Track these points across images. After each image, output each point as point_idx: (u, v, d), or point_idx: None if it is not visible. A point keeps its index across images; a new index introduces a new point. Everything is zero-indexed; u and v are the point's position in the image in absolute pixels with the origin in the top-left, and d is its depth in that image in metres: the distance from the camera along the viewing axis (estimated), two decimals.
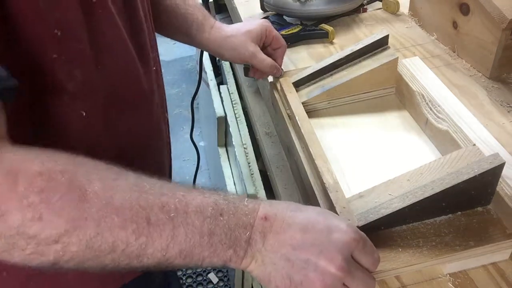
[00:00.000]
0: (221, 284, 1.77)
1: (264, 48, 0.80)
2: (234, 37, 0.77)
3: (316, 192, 0.62)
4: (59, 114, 0.50)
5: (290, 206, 0.47)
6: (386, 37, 0.77)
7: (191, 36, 0.78)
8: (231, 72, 1.41)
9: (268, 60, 0.77)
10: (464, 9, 0.84)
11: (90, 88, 0.51)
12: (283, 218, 0.45)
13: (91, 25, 0.49)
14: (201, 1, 1.61)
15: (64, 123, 0.51)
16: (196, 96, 1.14)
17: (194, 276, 1.80)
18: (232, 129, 1.16)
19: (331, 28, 0.97)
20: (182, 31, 0.78)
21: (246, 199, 0.46)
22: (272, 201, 0.48)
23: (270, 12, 1.08)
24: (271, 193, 0.94)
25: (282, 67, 0.82)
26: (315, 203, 0.62)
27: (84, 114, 0.51)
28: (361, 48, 0.77)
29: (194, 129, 1.21)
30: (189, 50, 2.77)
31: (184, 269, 1.82)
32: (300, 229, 0.45)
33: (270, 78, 0.83)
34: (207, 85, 1.40)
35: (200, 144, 2.00)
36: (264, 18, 1.06)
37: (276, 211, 0.46)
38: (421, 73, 0.82)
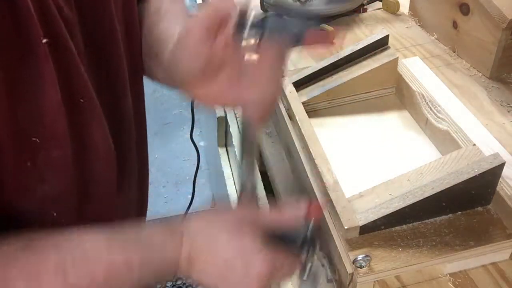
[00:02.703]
0: None
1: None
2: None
3: (316, 192, 0.62)
4: (23, 215, 0.45)
5: (209, 235, 0.48)
6: (386, 37, 0.77)
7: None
8: None
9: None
10: (464, 9, 0.84)
11: (64, 189, 0.47)
12: (204, 258, 0.47)
13: (77, 129, 0.45)
14: (201, 1, 1.61)
15: (27, 222, 0.45)
16: None
17: None
18: (232, 129, 1.16)
19: (331, 28, 0.97)
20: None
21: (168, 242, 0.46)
22: (191, 227, 0.48)
23: (270, 12, 1.08)
24: (271, 193, 0.94)
25: None
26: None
27: (55, 214, 0.47)
28: (361, 48, 0.77)
29: (194, 129, 1.20)
30: None
31: None
32: (219, 275, 0.47)
33: None
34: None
35: (200, 144, 2.00)
36: (264, 18, 1.06)
37: (197, 247, 0.47)
38: (421, 73, 0.82)
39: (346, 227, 0.53)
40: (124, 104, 0.56)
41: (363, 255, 0.52)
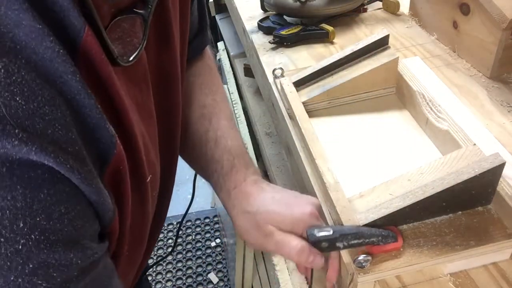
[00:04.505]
0: (221, 284, 1.77)
1: None
2: (254, 214, 0.56)
3: (316, 192, 0.62)
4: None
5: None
6: (387, 37, 0.77)
7: (210, 183, 0.65)
8: (231, 72, 1.41)
9: (293, 243, 0.52)
10: (464, 9, 0.84)
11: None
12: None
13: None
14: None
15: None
16: None
17: (194, 276, 1.80)
18: None
19: (331, 28, 0.97)
20: (203, 172, 0.67)
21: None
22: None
23: (270, 12, 1.08)
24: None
25: (282, 66, 0.81)
26: None
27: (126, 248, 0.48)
28: (361, 48, 0.77)
29: None
30: None
31: (184, 269, 1.82)
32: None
33: (270, 78, 0.83)
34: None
35: None
36: (264, 18, 1.06)
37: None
38: (422, 73, 0.82)
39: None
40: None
41: (364, 255, 0.52)
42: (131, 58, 0.40)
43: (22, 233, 0.29)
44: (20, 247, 0.29)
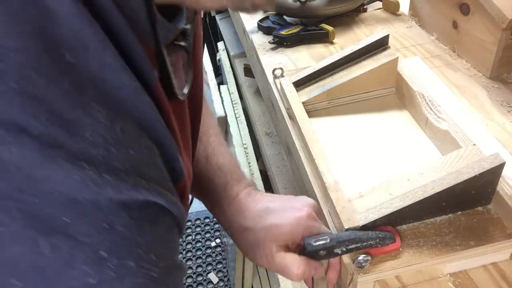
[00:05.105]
0: (221, 284, 1.77)
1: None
2: (252, 230, 0.56)
3: (316, 192, 0.62)
4: None
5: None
6: (386, 37, 0.77)
7: (204, 202, 0.63)
8: (231, 72, 1.42)
9: (292, 270, 0.53)
10: (464, 9, 0.84)
11: None
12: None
13: None
14: None
15: None
16: None
17: (194, 276, 1.80)
18: (232, 129, 1.17)
19: (331, 28, 0.97)
20: (195, 191, 0.64)
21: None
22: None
23: (270, 12, 1.08)
24: (271, 193, 0.94)
25: (282, 66, 0.81)
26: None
27: None
28: (361, 48, 0.77)
29: None
30: None
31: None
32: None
33: (270, 78, 0.83)
34: (207, 85, 1.41)
35: None
36: (264, 18, 1.06)
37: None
38: (421, 73, 0.82)
39: (346, 227, 0.53)
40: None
41: (363, 255, 0.52)
42: (186, 91, 0.43)
43: (154, 263, 0.33)
44: (155, 275, 0.33)
